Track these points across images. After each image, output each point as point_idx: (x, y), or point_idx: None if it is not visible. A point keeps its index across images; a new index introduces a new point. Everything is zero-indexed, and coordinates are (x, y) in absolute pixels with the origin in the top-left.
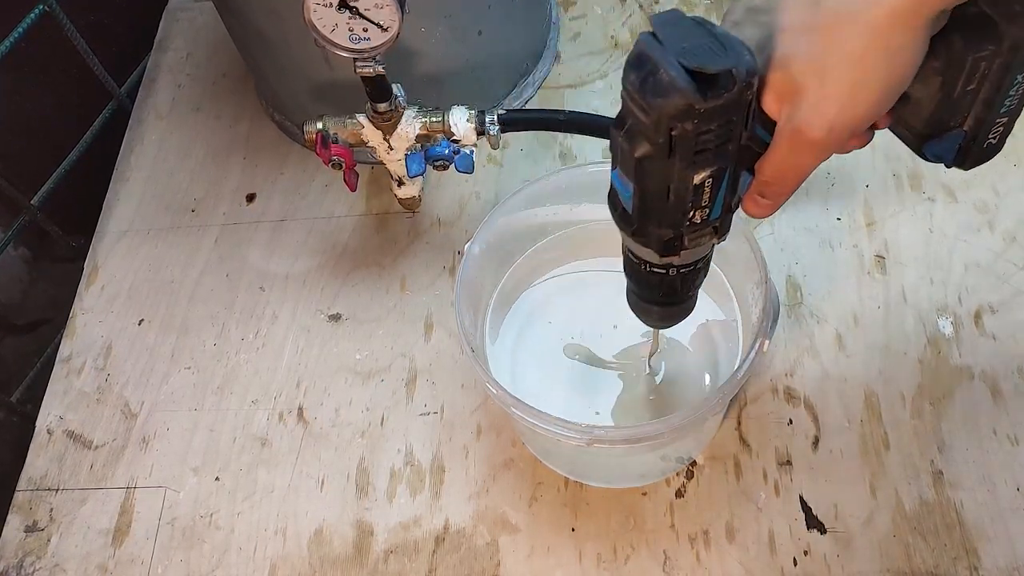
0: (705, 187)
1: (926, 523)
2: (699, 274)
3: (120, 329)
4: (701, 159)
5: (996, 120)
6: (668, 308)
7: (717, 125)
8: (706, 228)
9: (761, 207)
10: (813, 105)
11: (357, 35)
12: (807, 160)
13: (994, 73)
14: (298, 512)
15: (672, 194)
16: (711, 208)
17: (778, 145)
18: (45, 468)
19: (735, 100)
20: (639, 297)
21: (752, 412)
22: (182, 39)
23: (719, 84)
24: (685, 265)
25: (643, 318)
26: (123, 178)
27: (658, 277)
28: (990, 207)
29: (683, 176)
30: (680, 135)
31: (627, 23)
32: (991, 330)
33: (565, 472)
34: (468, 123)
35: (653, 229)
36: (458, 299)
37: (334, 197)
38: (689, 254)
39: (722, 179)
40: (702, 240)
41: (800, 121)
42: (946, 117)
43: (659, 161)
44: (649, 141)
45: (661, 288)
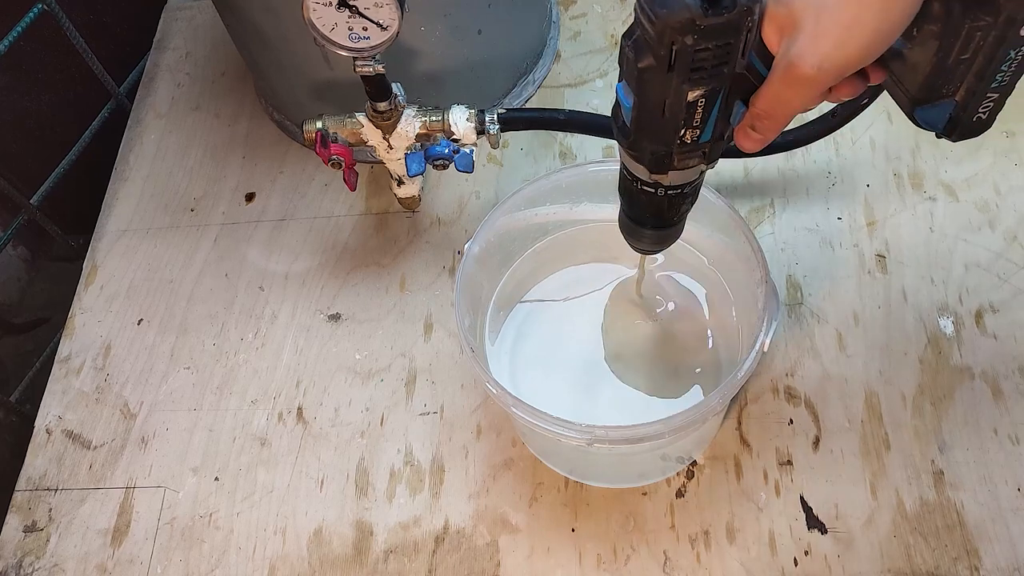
0: (698, 106)
1: (927, 523)
2: (686, 199)
3: (119, 329)
4: (697, 76)
5: (987, 93)
6: (656, 231)
7: (715, 44)
8: (696, 150)
9: (751, 139)
10: (807, 40)
11: (357, 34)
12: (797, 96)
13: (989, 45)
14: (297, 512)
15: (667, 109)
16: (702, 129)
17: (772, 78)
18: (44, 468)
19: (735, 21)
20: (629, 217)
21: (753, 412)
22: (181, 38)
23: (722, 4)
24: (673, 187)
25: (631, 240)
26: (122, 177)
27: (647, 196)
28: (991, 206)
29: (679, 91)
30: (680, 49)
31: (627, 22)
32: (992, 330)
33: (565, 472)
34: (468, 122)
35: (647, 144)
36: (458, 299)
37: (334, 196)
38: (678, 175)
39: (715, 101)
40: (691, 162)
41: (794, 55)
42: (939, 83)
43: (659, 74)
44: (652, 52)
45: (649, 207)
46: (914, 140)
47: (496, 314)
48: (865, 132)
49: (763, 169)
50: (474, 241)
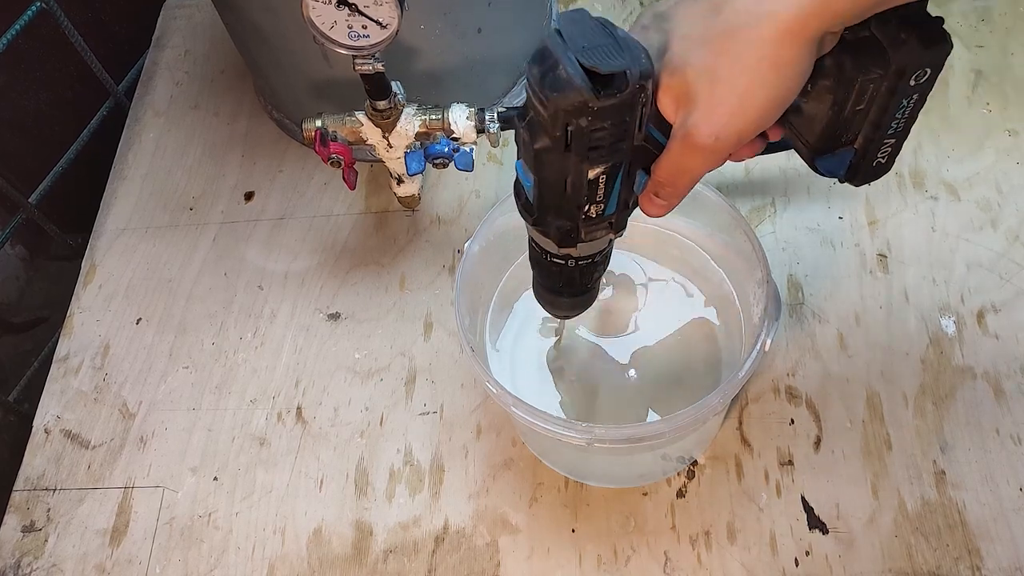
0: (600, 182)
1: (928, 523)
2: (597, 267)
3: (118, 328)
4: (595, 155)
5: (884, 140)
6: (571, 299)
7: (611, 123)
8: (602, 222)
9: (656, 206)
10: (703, 111)
11: (356, 32)
12: (697, 164)
13: (882, 96)
14: (297, 512)
15: (569, 187)
16: (606, 203)
17: (671, 148)
18: (42, 468)
19: (628, 100)
20: (542, 287)
21: (754, 412)
22: (180, 36)
23: (613, 84)
24: (583, 257)
25: (547, 308)
26: (121, 176)
27: (558, 267)
28: (993, 205)
29: (578, 170)
30: (576, 130)
31: (627, 21)
32: (994, 330)
33: (565, 472)
34: (468, 121)
35: (552, 219)
36: (458, 298)
37: (333, 195)
38: (586, 247)
39: (616, 176)
40: (598, 234)
41: (691, 126)
42: (837, 134)
43: (556, 154)
44: (547, 134)
45: (561, 278)
46: (916, 139)
47: (497, 313)
48: None
49: (764, 168)
50: (474, 240)
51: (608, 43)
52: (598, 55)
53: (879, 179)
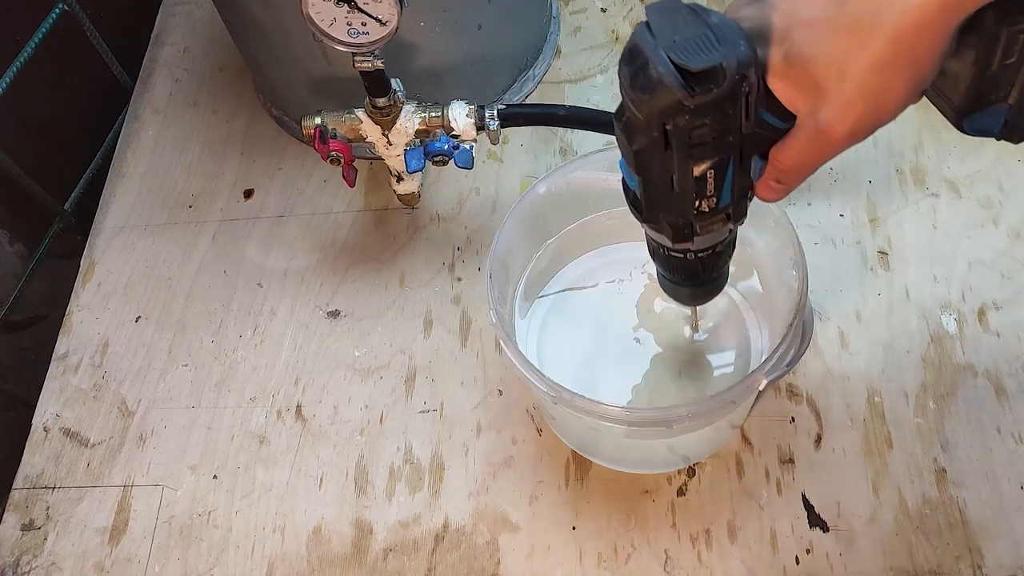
0: (708, 177)
1: (929, 521)
2: (720, 256)
3: (117, 326)
4: (699, 152)
5: None
6: (695, 288)
7: (711, 119)
8: (718, 215)
9: (776, 192)
10: (837, 107)
11: (355, 29)
12: (829, 154)
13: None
14: (296, 510)
15: (676, 185)
16: (719, 196)
17: (798, 138)
18: (41, 466)
19: (727, 94)
20: (665, 278)
21: (754, 410)
22: (179, 33)
23: (708, 79)
24: (702, 250)
25: (673, 297)
26: (119, 174)
27: (678, 260)
28: (994, 203)
29: (683, 168)
30: (674, 130)
31: (628, 17)
32: (995, 327)
33: (573, 445)
34: (468, 118)
35: (663, 216)
36: (498, 238)
37: (332, 193)
38: (704, 239)
39: (726, 169)
40: (714, 227)
41: (823, 121)
42: (986, 91)
43: (657, 154)
44: (644, 135)
45: (683, 271)
46: (917, 136)
47: (532, 285)
48: None
49: None
50: (544, 181)
51: (701, 33)
52: (690, 49)
53: None
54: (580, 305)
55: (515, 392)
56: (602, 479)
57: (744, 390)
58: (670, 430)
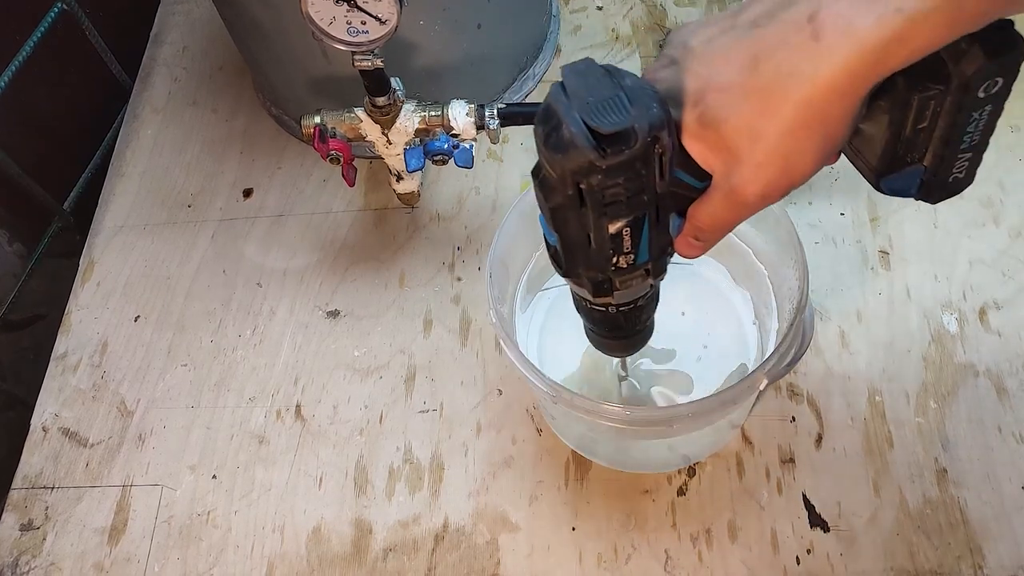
0: (624, 235)
1: (930, 521)
2: (642, 311)
3: (116, 325)
4: (613, 210)
5: (958, 156)
6: (619, 341)
7: (624, 179)
8: (636, 271)
9: (694, 248)
10: (749, 169)
11: (355, 28)
12: (743, 214)
13: (947, 112)
14: (296, 510)
15: (593, 241)
16: (636, 253)
17: (713, 198)
18: (40, 466)
19: (639, 155)
20: (591, 331)
21: (755, 410)
22: (178, 32)
23: (619, 140)
24: (623, 304)
25: (600, 349)
26: (119, 173)
27: (600, 314)
28: (995, 202)
29: (599, 225)
30: (587, 189)
31: (628, 16)
32: (996, 327)
33: (573, 445)
34: (467, 117)
35: (583, 272)
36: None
37: (332, 192)
38: (623, 294)
39: (642, 226)
40: (633, 282)
41: (736, 184)
42: (901, 153)
43: (572, 211)
44: (559, 193)
45: (606, 324)
46: None
47: (532, 283)
48: None
49: None
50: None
51: (614, 95)
52: (603, 111)
53: (952, 196)
54: None
55: (515, 392)
56: (602, 479)
57: (745, 390)
58: (670, 430)
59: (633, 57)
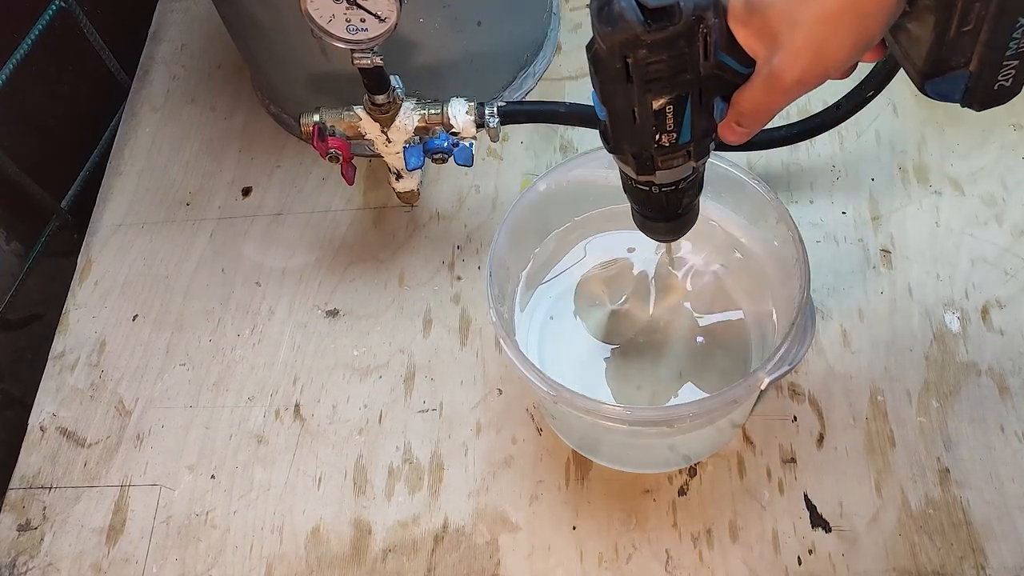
0: (667, 113)
1: (932, 522)
2: (684, 193)
3: (114, 325)
4: (657, 87)
5: (1003, 62)
6: (665, 223)
7: (668, 55)
8: (678, 151)
9: (736, 134)
10: (787, 54)
11: (354, 26)
12: (782, 101)
13: (992, 16)
14: (295, 510)
15: (637, 117)
16: (678, 133)
17: (755, 83)
18: (38, 466)
19: (683, 32)
20: (636, 211)
21: (756, 409)
22: (176, 30)
23: (664, 16)
24: (666, 184)
25: (644, 231)
26: (117, 172)
27: (643, 193)
28: (997, 200)
29: (643, 101)
30: (633, 63)
31: None
32: (999, 325)
33: (574, 445)
34: (467, 115)
35: (627, 147)
36: (498, 235)
37: (331, 190)
38: (666, 174)
39: (684, 106)
40: (675, 162)
41: (775, 67)
42: (946, 56)
43: (620, 85)
44: (608, 66)
45: (649, 204)
46: (920, 133)
47: (532, 279)
48: (870, 125)
49: (767, 163)
50: (543, 179)
51: None
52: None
53: (1005, 102)
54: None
55: (515, 391)
56: (603, 479)
57: (746, 389)
58: (671, 429)
59: None
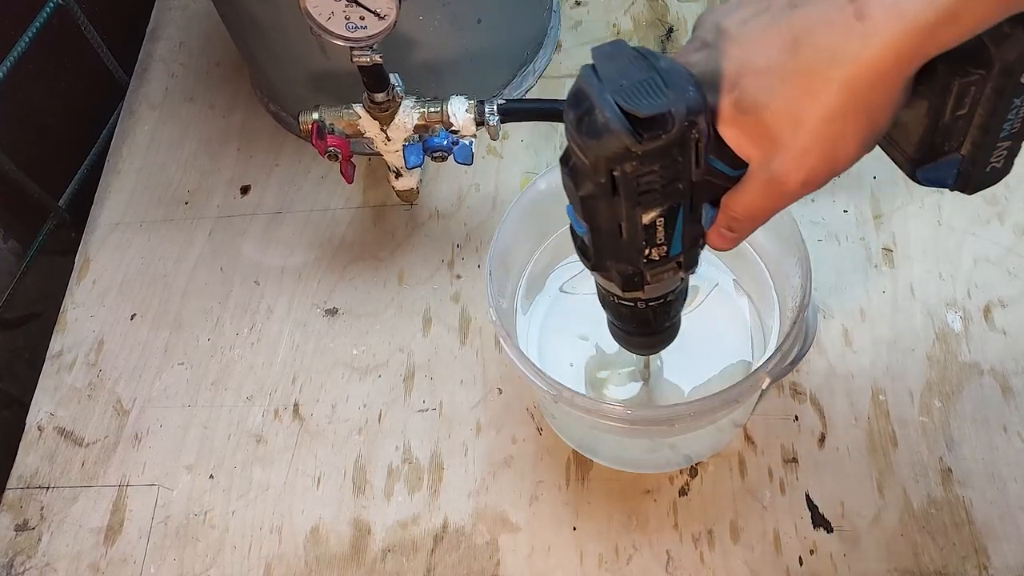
0: (657, 225)
1: (934, 522)
2: (671, 305)
3: (112, 324)
4: (648, 199)
5: (996, 145)
6: (646, 338)
7: (660, 166)
8: (668, 263)
9: (727, 240)
10: (791, 157)
11: (354, 23)
12: (782, 203)
13: (987, 99)
14: (294, 510)
15: (624, 232)
16: (668, 245)
17: (750, 188)
18: (35, 466)
19: (676, 140)
20: (616, 327)
21: (757, 409)
22: (175, 28)
23: (656, 125)
24: (653, 299)
25: (624, 346)
26: (115, 170)
27: (628, 310)
28: (1000, 199)
29: (631, 216)
30: (621, 176)
31: (629, 11)
32: (1001, 325)
33: (574, 445)
34: (467, 113)
35: (612, 265)
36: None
37: (330, 189)
38: (654, 288)
39: (676, 217)
40: (665, 276)
41: (777, 172)
42: (939, 142)
43: (604, 200)
44: (591, 181)
45: (634, 320)
46: None
47: (533, 280)
48: None
49: None
50: (544, 177)
51: (648, 78)
52: (638, 93)
53: (989, 186)
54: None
55: (515, 391)
56: (603, 479)
57: (747, 389)
58: (672, 429)
59: None
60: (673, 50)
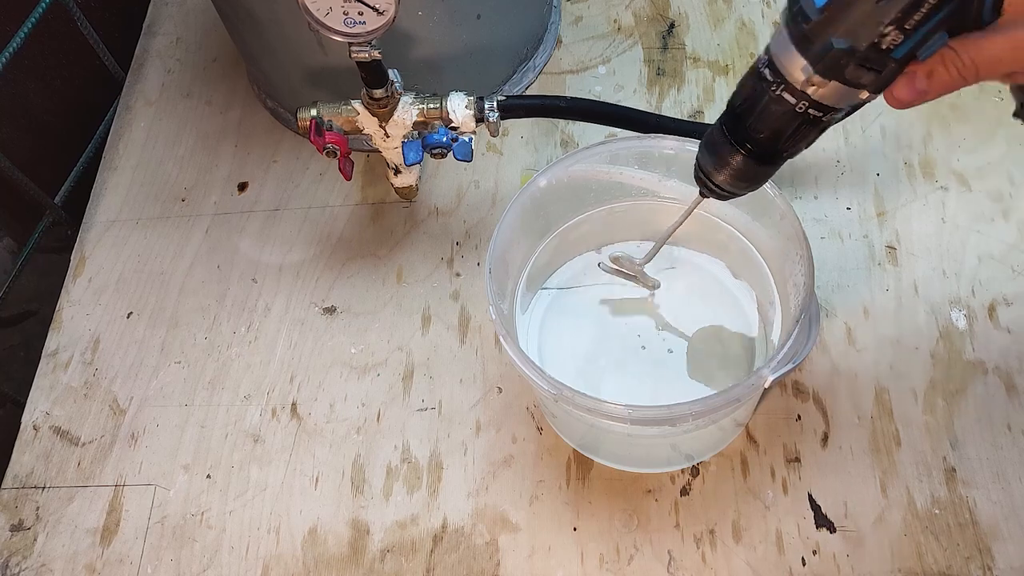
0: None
1: (938, 522)
2: (816, 127)
3: (108, 322)
4: None
5: None
6: (751, 162)
7: None
8: (880, 63)
9: (912, 91)
10: None
11: (352, 19)
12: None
13: None
14: (292, 510)
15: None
16: (910, 34)
17: (997, 40)
18: (31, 465)
19: None
20: (728, 135)
21: (759, 408)
22: (171, 23)
23: None
24: (819, 105)
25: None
26: (111, 167)
27: (778, 106)
28: (1005, 196)
29: None
30: None
31: (630, 6)
32: (1006, 323)
33: (575, 444)
34: (467, 110)
35: (831, 31)
36: (498, 232)
37: (328, 186)
38: (835, 92)
39: (940, 10)
40: (863, 79)
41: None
42: None
43: None
44: None
45: (769, 122)
46: (925, 128)
47: (533, 279)
48: (875, 120)
49: None
50: (544, 174)
51: None
52: None
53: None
54: (582, 301)
55: (515, 390)
56: (604, 478)
57: (749, 388)
58: (674, 428)
59: (636, 48)
60: (675, 46)
